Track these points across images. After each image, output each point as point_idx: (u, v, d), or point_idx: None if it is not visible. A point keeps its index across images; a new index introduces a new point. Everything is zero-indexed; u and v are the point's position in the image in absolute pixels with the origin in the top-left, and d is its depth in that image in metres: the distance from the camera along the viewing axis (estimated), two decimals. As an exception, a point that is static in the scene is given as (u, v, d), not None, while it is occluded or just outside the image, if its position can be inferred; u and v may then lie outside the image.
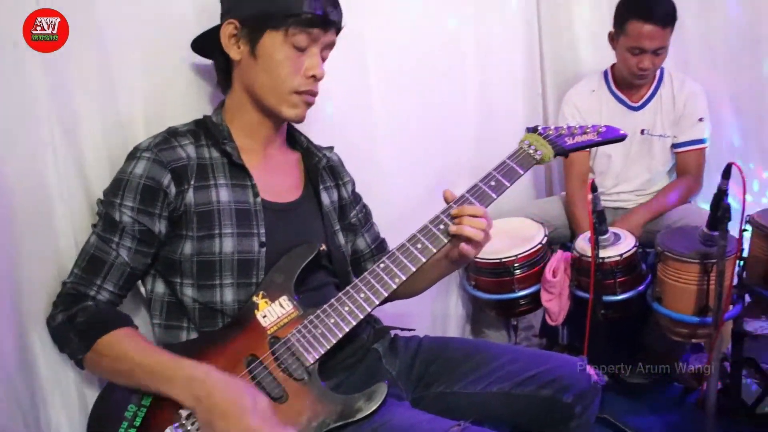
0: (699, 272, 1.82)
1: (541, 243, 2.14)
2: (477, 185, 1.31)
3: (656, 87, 2.44)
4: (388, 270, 1.22)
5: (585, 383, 1.34)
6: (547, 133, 1.44)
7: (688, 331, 1.93)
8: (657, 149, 2.44)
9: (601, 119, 2.44)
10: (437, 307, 2.34)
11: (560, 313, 2.14)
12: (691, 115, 2.40)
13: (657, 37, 2.20)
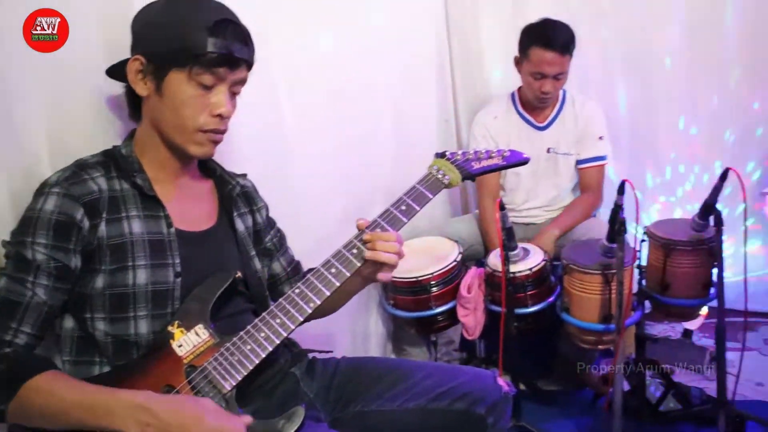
0: (601, 282, 1.94)
1: (455, 260, 2.21)
2: (388, 210, 1.34)
3: (559, 108, 2.58)
4: (303, 295, 1.24)
5: (496, 394, 1.39)
6: (455, 158, 1.49)
7: (595, 338, 2.04)
8: (562, 166, 2.58)
9: (510, 139, 2.58)
10: (358, 327, 2.38)
11: (476, 328, 2.22)
12: (591, 134, 2.55)
13: (557, 63, 2.36)
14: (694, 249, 2.00)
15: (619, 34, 2.88)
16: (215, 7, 1.24)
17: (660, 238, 2.04)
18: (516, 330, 2.11)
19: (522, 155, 1.56)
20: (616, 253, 1.82)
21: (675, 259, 2.02)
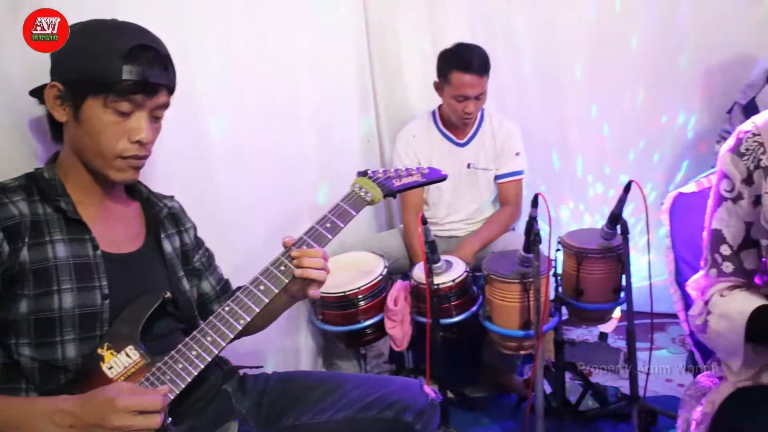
0: (520, 291, 2.03)
1: (381, 274, 2.27)
2: (314, 227, 1.39)
3: (478, 125, 2.70)
4: (232, 312, 1.27)
5: (423, 402, 1.46)
6: (376, 176, 1.56)
7: (516, 344, 2.13)
8: (482, 181, 2.69)
9: (432, 155, 2.67)
10: (288, 343, 2.40)
11: (404, 339, 2.28)
12: (509, 150, 2.68)
13: (477, 85, 2.47)
14: (604, 257, 2.13)
15: (532, 55, 3.03)
16: (133, 31, 1.23)
17: (573, 247, 2.17)
18: (442, 339, 2.17)
19: (440, 172, 1.64)
20: (533, 262, 1.92)
21: (587, 267, 2.15)
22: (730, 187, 1.23)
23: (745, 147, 1.19)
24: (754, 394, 1.22)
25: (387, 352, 2.66)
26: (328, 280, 1.40)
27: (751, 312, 1.15)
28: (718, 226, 1.27)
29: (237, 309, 1.27)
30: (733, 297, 1.22)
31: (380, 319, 2.26)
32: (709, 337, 1.26)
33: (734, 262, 1.27)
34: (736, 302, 1.20)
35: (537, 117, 3.09)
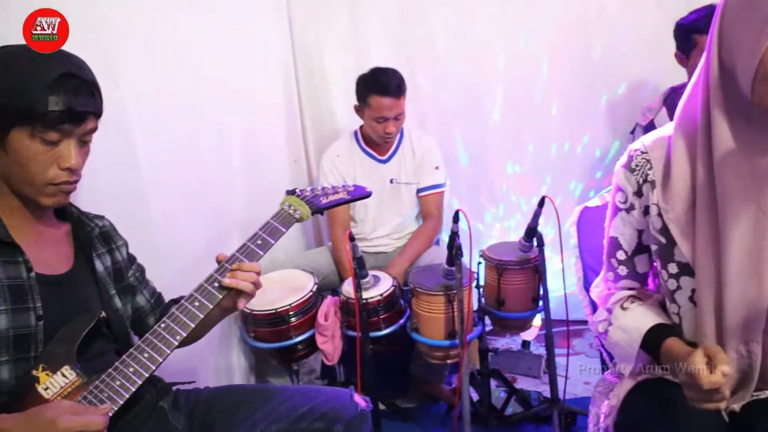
0: (444, 302, 2.12)
1: (312, 291, 2.32)
2: (246, 244, 1.45)
3: (399, 142, 2.81)
4: (168, 329, 1.30)
5: (353, 411, 1.52)
6: (304, 194, 1.64)
7: (443, 353, 2.22)
8: (405, 195, 2.80)
9: (356, 173, 2.77)
10: (221, 361, 2.41)
11: (335, 353, 2.33)
12: (428, 164, 2.80)
13: (395, 106, 2.59)
14: (522, 268, 2.25)
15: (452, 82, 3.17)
16: (58, 60, 1.21)
17: (493, 259, 2.29)
18: (372, 352, 2.24)
19: (365, 189, 1.74)
20: (455, 275, 2.02)
21: (507, 278, 2.27)
22: (624, 198, 1.35)
23: (636, 163, 1.32)
24: (652, 385, 1.34)
25: (319, 368, 2.71)
26: (260, 297, 1.46)
27: (645, 331, 1.30)
28: (614, 234, 1.40)
29: (173, 325, 1.31)
30: (633, 312, 1.35)
31: (311, 334, 2.31)
32: (608, 344, 1.40)
33: (629, 266, 1.40)
34: (635, 319, 1.34)
35: (459, 134, 3.24)
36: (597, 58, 3.05)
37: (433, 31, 3.11)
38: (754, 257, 1.17)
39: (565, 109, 3.16)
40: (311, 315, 2.31)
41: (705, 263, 1.22)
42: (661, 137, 1.30)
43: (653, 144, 1.31)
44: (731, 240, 1.17)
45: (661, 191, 1.27)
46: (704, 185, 1.20)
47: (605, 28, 3.00)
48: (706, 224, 1.21)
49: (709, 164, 1.18)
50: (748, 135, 1.13)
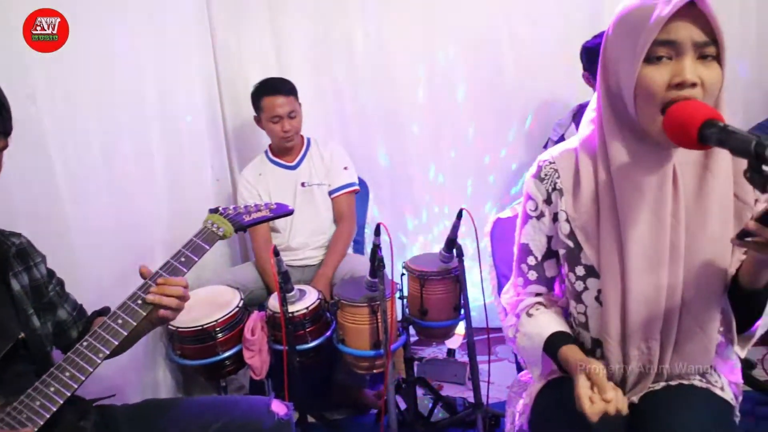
0: (369, 313, 2.17)
1: (238, 306, 2.32)
2: (169, 261, 1.47)
3: (306, 150, 2.93)
4: (91, 347, 1.31)
5: (271, 421, 1.55)
6: (227, 212, 1.68)
7: (369, 363, 2.26)
8: (318, 196, 2.88)
9: (269, 186, 2.86)
10: (146, 380, 2.38)
11: (263, 368, 2.34)
12: (337, 165, 2.90)
13: (286, 103, 2.74)
14: (443, 278, 2.32)
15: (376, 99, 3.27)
16: None
17: (415, 270, 2.36)
18: (299, 365, 2.26)
19: (287, 207, 1.80)
20: (378, 286, 2.08)
21: (429, 288, 2.34)
22: (534, 206, 1.44)
23: (545, 173, 1.42)
24: (561, 382, 1.43)
25: (248, 384, 2.71)
26: (185, 314, 1.48)
27: (546, 337, 1.39)
28: (525, 241, 1.49)
29: (95, 343, 1.31)
30: (537, 319, 1.44)
31: (239, 350, 2.31)
32: (517, 349, 1.49)
33: (538, 271, 1.49)
34: (538, 326, 1.43)
35: (379, 146, 3.33)
36: (510, 76, 3.19)
37: (354, 48, 3.19)
38: (652, 261, 1.27)
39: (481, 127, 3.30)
40: (238, 330, 2.32)
41: (609, 266, 1.31)
42: (568, 149, 1.40)
43: (560, 155, 1.41)
44: (631, 244, 1.27)
45: (569, 199, 1.37)
46: (606, 194, 1.30)
47: (517, 47, 3.15)
48: (608, 230, 1.30)
49: (609, 175, 1.28)
50: (640, 150, 1.24)
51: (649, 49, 1.13)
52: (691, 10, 1.11)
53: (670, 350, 1.34)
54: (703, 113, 1.04)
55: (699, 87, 1.13)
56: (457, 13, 3.13)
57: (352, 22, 3.16)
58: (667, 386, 1.38)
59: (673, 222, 1.26)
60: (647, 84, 1.15)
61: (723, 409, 1.36)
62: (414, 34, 3.18)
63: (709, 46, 1.13)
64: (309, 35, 3.17)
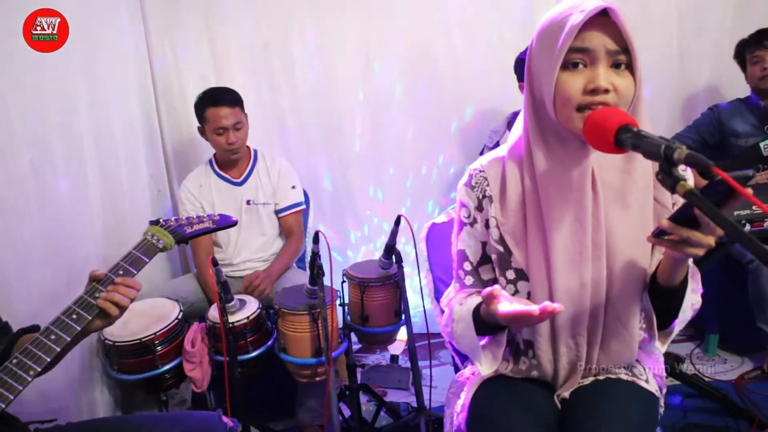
0: (309, 321, 2.18)
1: (177, 318, 2.30)
2: (107, 275, 1.45)
3: (253, 164, 2.88)
4: (21, 365, 1.28)
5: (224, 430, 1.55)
6: (168, 224, 1.67)
7: (311, 371, 2.26)
8: (263, 215, 2.86)
9: (213, 198, 2.81)
10: (83, 399, 2.32)
11: (204, 379, 2.32)
12: (284, 184, 2.88)
13: (230, 115, 2.68)
14: (383, 284, 2.35)
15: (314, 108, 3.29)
16: None
17: (355, 277, 2.38)
18: (241, 375, 2.26)
19: (231, 218, 1.79)
20: (318, 294, 2.09)
21: (370, 295, 2.36)
22: (467, 214, 1.48)
23: (475, 181, 1.46)
24: (496, 381, 1.48)
25: (190, 397, 2.68)
26: (122, 328, 1.46)
27: (473, 308, 1.40)
28: (461, 247, 1.52)
29: (26, 360, 1.29)
30: (466, 302, 1.47)
31: (179, 362, 2.29)
32: (457, 341, 1.51)
33: (474, 276, 1.53)
34: (467, 306, 1.45)
35: (319, 156, 3.36)
36: (448, 85, 3.26)
37: (293, 55, 3.21)
38: (575, 261, 1.33)
39: (420, 135, 3.35)
40: (178, 343, 2.29)
41: (536, 268, 1.36)
42: (496, 157, 1.45)
43: (489, 164, 1.45)
44: (556, 245, 1.32)
45: (498, 205, 1.42)
46: (531, 198, 1.35)
47: (453, 58, 3.22)
48: (535, 233, 1.35)
49: (534, 180, 1.34)
50: (563, 155, 1.29)
51: (566, 57, 1.19)
52: (604, 21, 1.17)
53: (596, 347, 1.40)
54: (618, 119, 1.10)
55: (612, 93, 1.19)
56: (395, 23, 3.19)
57: (290, 29, 3.18)
58: (596, 381, 1.44)
59: (594, 223, 1.31)
60: (564, 89, 1.20)
61: (648, 400, 1.43)
62: (353, 42, 3.22)
63: (621, 55, 1.18)
64: (247, 43, 3.17)
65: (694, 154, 0.96)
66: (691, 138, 3.01)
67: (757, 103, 2.91)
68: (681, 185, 0.96)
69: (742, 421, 2.47)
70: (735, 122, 2.92)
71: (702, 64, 3.31)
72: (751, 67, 2.88)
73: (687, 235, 1.08)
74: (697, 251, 1.11)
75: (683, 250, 1.11)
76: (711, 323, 3.07)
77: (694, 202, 0.94)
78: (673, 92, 3.33)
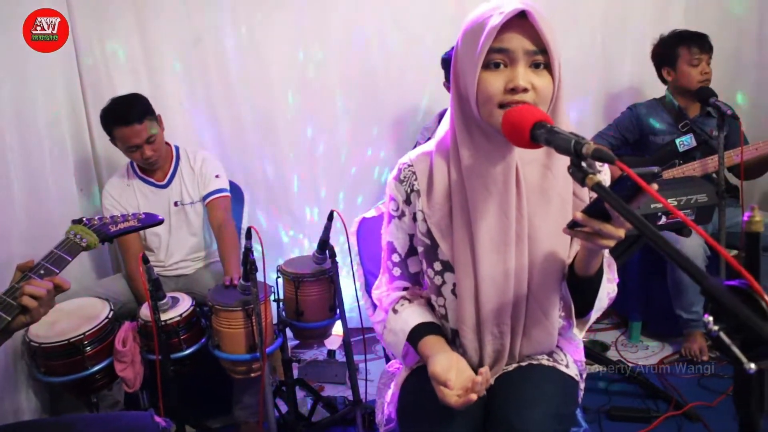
0: (243, 317, 2.17)
1: (107, 317, 2.26)
2: (27, 275, 1.42)
3: (176, 164, 2.81)
4: None
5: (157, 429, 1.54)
6: (92, 223, 1.65)
7: (246, 367, 2.26)
8: (192, 216, 2.81)
9: (138, 203, 2.75)
10: (6, 404, 2.24)
11: (136, 380, 2.28)
12: (208, 174, 2.82)
13: (141, 131, 2.55)
14: (317, 279, 2.38)
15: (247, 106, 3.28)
16: None
17: (290, 273, 2.39)
18: (174, 374, 2.23)
19: (157, 217, 1.79)
20: (251, 289, 2.10)
21: (304, 290, 2.38)
22: (396, 207, 1.52)
23: (404, 175, 1.50)
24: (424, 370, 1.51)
25: (122, 399, 2.63)
26: (49, 328, 1.43)
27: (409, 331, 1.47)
28: (390, 239, 1.56)
29: None
30: (401, 314, 1.52)
31: (110, 362, 2.24)
32: (385, 344, 1.56)
33: (402, 268, 1.57)
34: (402, 321, 1.50)
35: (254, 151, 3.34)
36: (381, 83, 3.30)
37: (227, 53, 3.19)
38: (500, 252, 1.38)
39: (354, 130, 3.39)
40: (108, 342, 2.25)
41: (462, 258, 1.40)
42: (425, 152, 1.49)
43: (417, 158, 1.49)
44: (481, 236, 1.37)
45: (425, 199, 1.46)
46: (458, 191, 1.40)
47: (388, 55, 3.26)
48: (460, 225, 1.40)
49: (460, 174, 1.38)
50: (487, 150, 1.34)
51: (487, 57, 1.24)
52: (522, 23, 1.22)
53: (519, 334, 1.46)
54: (533, 116, 1.15)
55: (532, 92, 1.24)
56: (330, 19, 3.21)
57: (223, 24, 3.15)
58: (519, 366, 1.50)
59: (517, 215, 1.37)
60: (486, 88, 1.25)
61: (567, 384, 1.50)
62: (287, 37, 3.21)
63: (539, 55, 1.24)
64: (179, 37, 3.13)
65: (601, 148, 1.01)
66: (613, 136, 3.14)
67: (671, 103, 3.05)
68: (589, 178, 1.01)
69: (661, 402, 2.61)
70: (652, 121, 3.06)
71: (624, 64, 3.44)
72: (687, 68, 2.93)
73: (599, 227, 1.13)
74: (608, 242, 1.17)
75: (596, 242, 1.17)
76: (634, 312, 3.22)
77: (602, 195, 1.00)
78: (598, 91, 3.45)
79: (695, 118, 3.01)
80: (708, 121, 2.97)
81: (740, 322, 0.75)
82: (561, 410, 1.43)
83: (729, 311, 0.75)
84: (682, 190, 2.35)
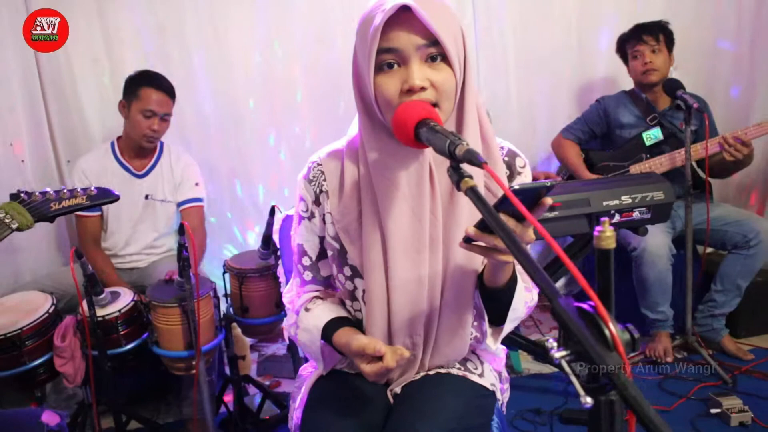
0: (180, 314, 2.14)
1: (48, 312, 2.23)
2: None
3: (157, 157, 2.79)
4: None
5: None
6: (31, 199, 1.52)
7: (185, 364, 2.23)
8: (160, 212, 2.78)
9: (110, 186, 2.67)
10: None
11: (77, 375, 2.25)
12: (188, 180, 2.80)
13: (164, 103, 2.63)
14: (262, 275, 2.34)
15: (209, 94, 3.24)
16: None
17: (234, 268, 2.35)
18: (113, 369, 2.21)
19: (112, 192, 1.66)
20: (185, 286, 2.06)
21: (249, 286, 2.35)
22: (305, 207, 1.45)
23: (313, 174, 1.42)
24: (332, 377, 1.49)
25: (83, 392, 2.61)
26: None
27: (322, 327, 1.40)
28: (300, 241, 1.49)
29: None
30: (313, 312, 1.45)
31: (50, 357, 2.21)
32: (300, 345, 1.51)
33: (313, 271, 1.51)
34: (314, 318, 1.44)
35: (220, 149, 3.29)
36: (346, 73, 3.20)
37: (189, 43, 3.15)
38: (412, 253, 1.31)
39: (318, 122, 3.34)
40: (49, 337, 2.22)
41: (372, 264, 1.33)
42: (335, 150, 1.41)
43: (327, 157, 1.42)
44: (393, 239, 1.29)
45: (334, 201, 1.38)
46: (367, 194, 1.32)
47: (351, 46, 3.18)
48: (370, 229, 1.32)
49: (369, 176, 1.31)
50: (397, 150, 1.26)
51: (378, 59, 1.17)
52: (409, 16, 1.13)
53: (431, 344, 1.40)
54: (418, 114, 1.08)
55: (431, 89, 1.17)
56: (293, 8, 3.15)
57: (185, 13, 3.10)
58: (426, 376, 1.44)
59: (432, 218, 1.29)
60: (382, 92, 1.18)
61: (478, 394, 1.43)
62: (250, 27, 3.17)
63: (431, 47, 1.15)
64: (141, 26, 3.08)
65: (471, 150, 0.95)
66: (581, 129, 3.06)
67: (639, 96, 2.97)
68: (464, 182, 0.96)
69: (623, 404, 2.54)
70: (620, 114, 2.98)
71: (598, 56, 3.36)
72: (632, 62, 2.94)
73: (494, 242, 1.05)
74: (507, 258, 1.09)
75: (494, 257, 1.10)
76: (600, 310, 3.14)
77: (474, 201, 0.94)
78: (572, 83, 3.37)
79: (664, 111, 2.94)
80: (678, 114, 2.88)
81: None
82: (465, 423, 1.36)
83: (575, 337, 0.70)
84: (637, 188, 2.28)
